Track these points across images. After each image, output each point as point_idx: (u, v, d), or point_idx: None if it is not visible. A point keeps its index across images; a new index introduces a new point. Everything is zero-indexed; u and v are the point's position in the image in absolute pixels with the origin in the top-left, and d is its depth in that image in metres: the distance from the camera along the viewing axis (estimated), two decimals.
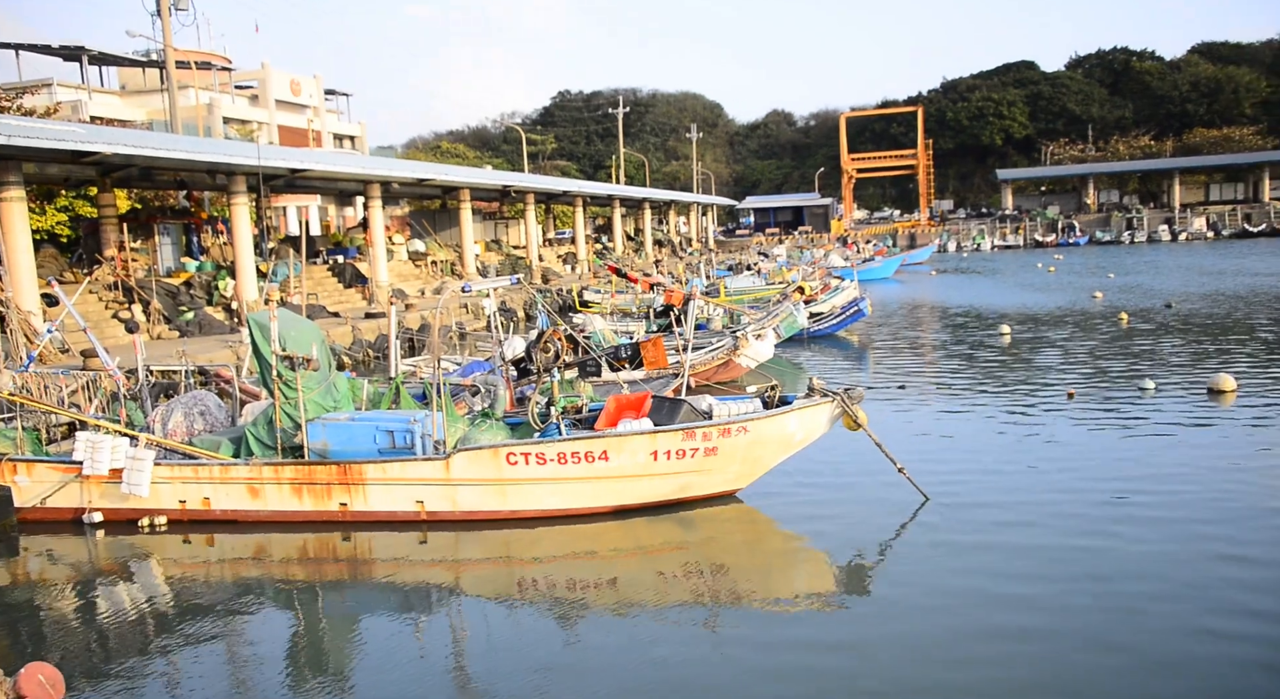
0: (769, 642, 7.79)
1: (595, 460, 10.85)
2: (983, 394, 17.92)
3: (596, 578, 9.74)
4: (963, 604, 8.27)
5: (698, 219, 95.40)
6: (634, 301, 30.57)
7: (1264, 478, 11.57)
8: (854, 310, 28.03)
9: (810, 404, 11.26)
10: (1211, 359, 20.34)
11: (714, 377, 19.05)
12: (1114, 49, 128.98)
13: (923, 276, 56.13)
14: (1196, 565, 8.86)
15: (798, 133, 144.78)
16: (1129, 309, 30.74)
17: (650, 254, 67.90)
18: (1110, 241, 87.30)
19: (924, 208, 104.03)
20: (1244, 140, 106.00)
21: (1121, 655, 7.24)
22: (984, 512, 10.70)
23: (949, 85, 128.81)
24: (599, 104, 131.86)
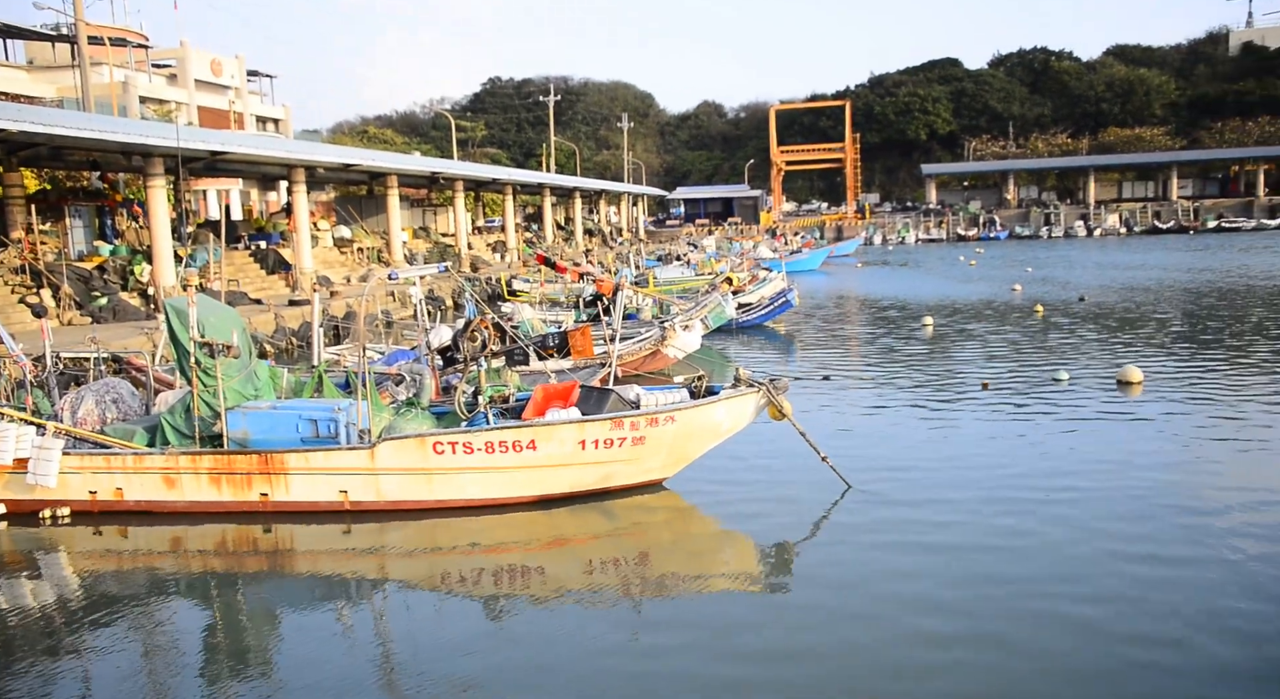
0: (694, 627, 7.88)
1: (523, 450, 10.82)
2: (905, 384, 18.32)
3: (523, 567, 9.74)
4: (882, 587, 8.47)
5: (628, 209, 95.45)
6: (563, 291, 30.51)
7: (1165, 472, 12.05)
8: (782, 301, 28.38)
9: (737, 394, 11.38)
10: (1121, 351, 21.09)
11: (642, 367, 19.13)
12: (1034, 49, 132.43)
13: (849, 269, 57.05)
14: (1096, 556, 9.16)
15: (728, 124, 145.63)
16: (1045, 302, 31.69)
17: (580, 243, 67.75)
18: (1029, 236, 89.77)
19: (851, 201, 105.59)
20: (1154, 140, 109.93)
21: (1025, 635, 7.50)
22: (902, 498, 10.96)
23: (876, 80, 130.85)
24: (530, 92, 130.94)
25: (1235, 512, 10.19)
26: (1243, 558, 8.84)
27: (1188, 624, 7.55)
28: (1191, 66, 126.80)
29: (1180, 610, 7.80)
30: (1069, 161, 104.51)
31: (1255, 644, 7.21)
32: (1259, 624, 7.53)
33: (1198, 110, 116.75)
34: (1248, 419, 14.38)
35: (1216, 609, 7.81)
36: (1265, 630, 7.43)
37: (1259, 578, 8.39)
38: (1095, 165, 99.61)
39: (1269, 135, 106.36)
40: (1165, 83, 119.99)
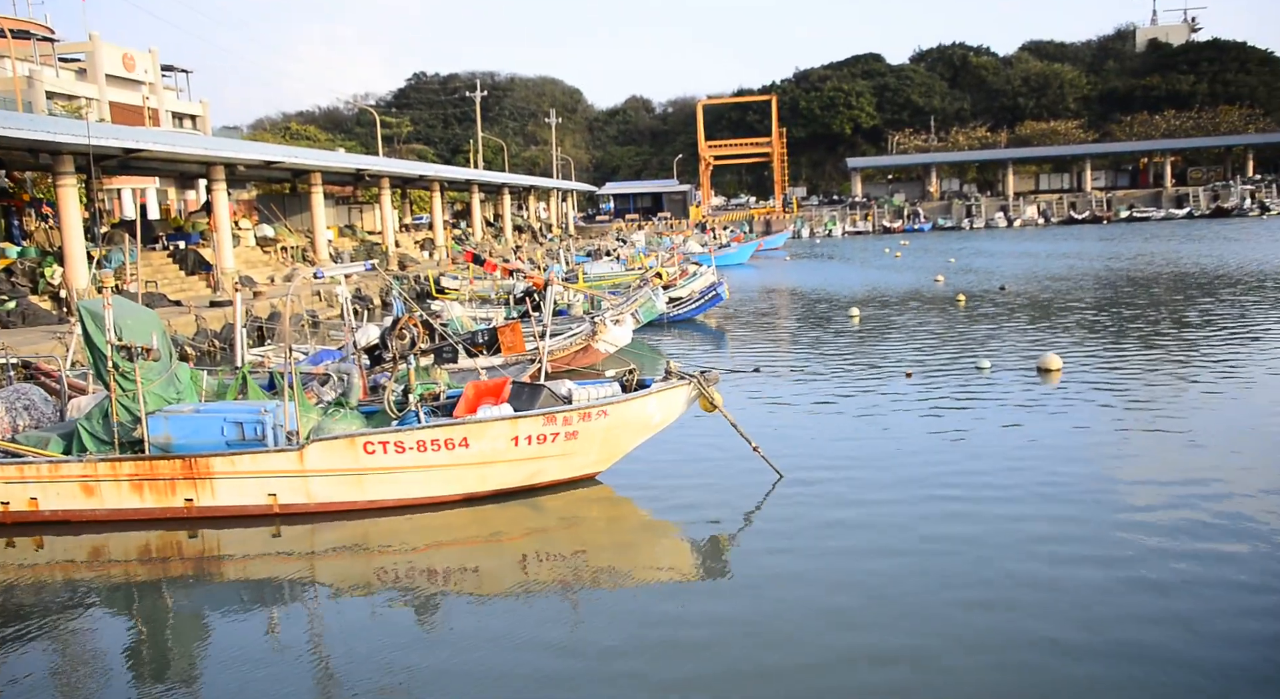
0: (630, 620, 7.92)
1: (455, 447, 10.75)
2: (833, 375, 18.62)
3: (458, 566, 9.68)
4: (815, 576, 8.61)
5: (558, 205, 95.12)
6: (493, 288, 30.31)
7: (1081, 461, 12.46)
8: (712, 295, 28.61)
9: (668, 387, 11.46)
10: (1040, 339, 21.73)
11: (573, 362, 19.13)
12: (953, 44, 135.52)
13: (778, 262, 57.70)
14: (1016, 546, 9.43)
15: (656, 119, 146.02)
16: (967, 292, 32.48)
17: (510, 240, 67.31)
18: (952, 228, 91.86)
19: (779, 195, 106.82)
20: (1068, 134, 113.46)
21: (938, 619, 7.71)
22: (832, 487, 11.15)
23: (801, 75, 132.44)
24: (456, 87, 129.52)
25: (1148, 498, 10.57)
26: (1155, 547, 9.17)
27: (1098, 609, 7.83)
28: (1102, 62, 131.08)
29: (1091, 597, 8.08)
30: (988, 154, 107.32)
31: (1168, 635, 7.50)
32: (1175, 616, 7.83)
33: (1108, 104, 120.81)
34: (1160, 404, 14.95)
35: (1126, 599, 8.11)
36: (1182, 623, 7.73)
37: (1175, 568, 8.72)
38: (1013, 158, 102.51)
39: (1175, 128, 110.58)
40: (1078, 78, 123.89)
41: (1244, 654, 6.88)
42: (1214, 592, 7.90)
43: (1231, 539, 8.97)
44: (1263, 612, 7.51)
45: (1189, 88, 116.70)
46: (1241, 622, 7.36)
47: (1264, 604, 7.63)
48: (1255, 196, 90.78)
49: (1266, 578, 8.11)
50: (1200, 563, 8.47)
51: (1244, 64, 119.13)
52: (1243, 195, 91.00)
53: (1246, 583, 8.03)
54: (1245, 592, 7.87)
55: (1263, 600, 7.70)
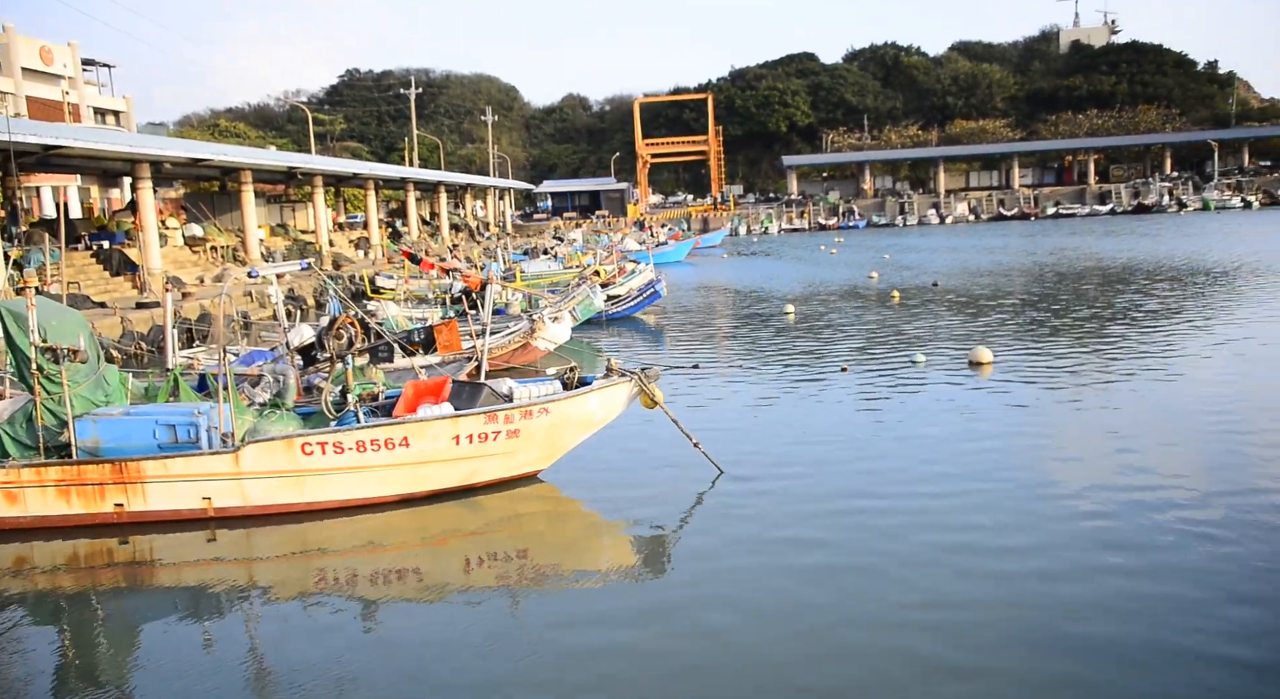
0: (573, 619, 7.94)
1: (396, 447, 10.65)
2: (771, 370, 18.83)
3: (399, 567, 9.59)
4: (756, 571, 8.71)
5: (495, 203, 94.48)
6: (429, 287, 30.03)
7: (1011, 452, 12.80)
8: (650, 292, 28.72)
9: (609, 384, 11.49)
10: (972, 332, 22.23)
11: (512, 360, 19.07)
12: (885, 44, 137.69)
13: (715, 259, 58.08)
14: (950, 538, 9.67)
15: (593, 117, 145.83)
16: (901, 287, 33.07)
17: (447, 239, 66.70)
18: (886, 224, 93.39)
19: (715, 192, 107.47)
20: (997, 132, 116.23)
21: (878, 613, 7.88)
22: (772, 482, 11.28)
23: (737, 74, 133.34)
24: (390, 84, 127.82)
25: (1076, 486, 10.89)
26: (1083, 538, 9.47)
27: (1023, 593, 8.07)
28: (1028, 63, 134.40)
29: (1023, 585, 8.33)
30: (920, 152, 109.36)
31: (1090, 628, 7.76)
32: (1103, 605, 8.10)
33: (1034, 104, 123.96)
34: (1087, 394, 15.41)
35: (1052, 586, 8.37)
36: (1113, 613, 7.99)
37: (1101, 559, 9.01)
38: (944, 156, 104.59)
39: (1097, 127, 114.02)
40: (1005, 78, 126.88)
41: (1180, 638, 7.15)
42: (1153, 583, 8.18)
43: (1164, 528, 9.30)
44: (1202, 596, 7.81)
45: (1110, 88, 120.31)
46: (1185, 607, 7.65)
47: (1206, 588, 7.94)
48: (1173, 194, 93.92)
49: (1204, 562, 8.42)
50: (1133, 554, 8.76)
51: (1160, 66, 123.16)
52: (1161, 192, 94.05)
53: (1189, 572, 8.34)
54: (1189, 582, 8.18)
55: (1207, 583, 8.01)
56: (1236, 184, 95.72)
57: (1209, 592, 7.78)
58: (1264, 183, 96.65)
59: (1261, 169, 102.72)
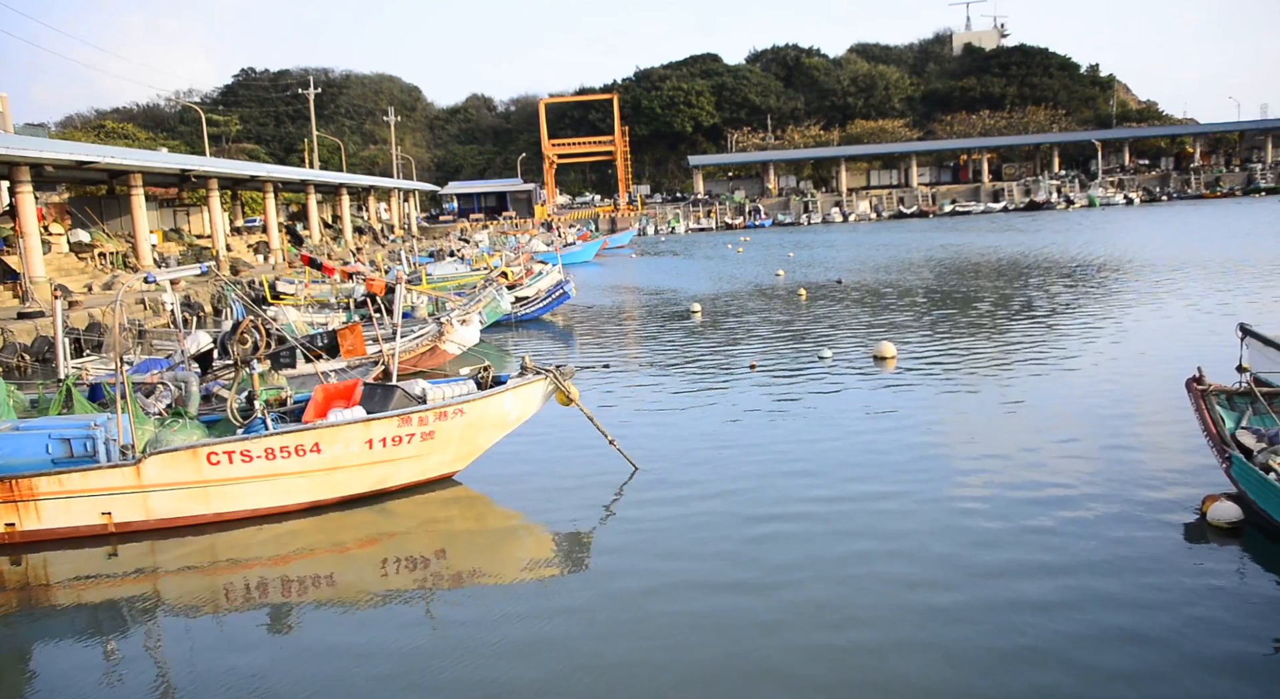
0: (491, 620, 7.91)
1: (307, 453, 10.43)
2: (681, 369, 19.02)
3: (312, 576, 9.39)
4: (671, 567, 8.81)
5: (399, 205, 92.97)
6: (332, 292, 29.43)
7: (914, 444, 13.21)
8: (559, 293, 28.69)
9: (524, 383, 11.47)
10: (876, 328, 22.83)
11: (420, 363, 18.85)
12: (786, 45, 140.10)
13: (624, 259, 58.28)
14: (857, 530, 9.95)
15: (499, 118, 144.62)
16: (807, 285, 33.72)
17: (350, 242, 65.37)
18: (791, 223, 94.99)
19: (623, 193, 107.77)
20: (895, 132, 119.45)
21: (774, 606, 8.07)
22: (686, 477, 11.41)
23: (642, 74, 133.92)
24: (288, 84, 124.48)
25: (977, 477, 11.31)
26: (986, 526, 9.83)
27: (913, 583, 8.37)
28: (923, 65, 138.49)
29: (922, 576, 8.63)
30: (822, 152, 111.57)
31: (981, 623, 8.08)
32: (997, 600, 8.44)
33: (931, 104, 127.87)
34: (985, 386, 15.99)
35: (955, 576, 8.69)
36: (1012, 606, 8.33)
37: (1003, 552, 9.38)
38: (845, 155, 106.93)
39: (990, 128, 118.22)
40: (902, 79, 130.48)
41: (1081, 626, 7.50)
42: (1055, 578, 8.56)
43: (1059, 518, 9.73)
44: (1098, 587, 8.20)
45: (1001, 90, 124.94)
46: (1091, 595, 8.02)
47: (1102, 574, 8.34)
48: (1061, 191, 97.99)
49: (1095, 548, 8.85)
50: (1030, 549, 9.14)
51: (1046, 69, 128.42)
52: (1050, 190, 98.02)
53: (1082, 565, 8.74)
54: (1085, 573, 8.57)
55: (1104, 567, 8.41)
56: (1119, 182, 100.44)
57: (1097, 589, 8.18)
58: (1143, 181, 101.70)
59: (1141, 168, 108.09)
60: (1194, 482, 10.13)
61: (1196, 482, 10.10)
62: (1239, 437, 9.72)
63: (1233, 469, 9.24)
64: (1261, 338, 13.25)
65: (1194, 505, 9.38)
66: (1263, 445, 9.43)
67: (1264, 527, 8.67)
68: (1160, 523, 9.13)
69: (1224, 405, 10.35)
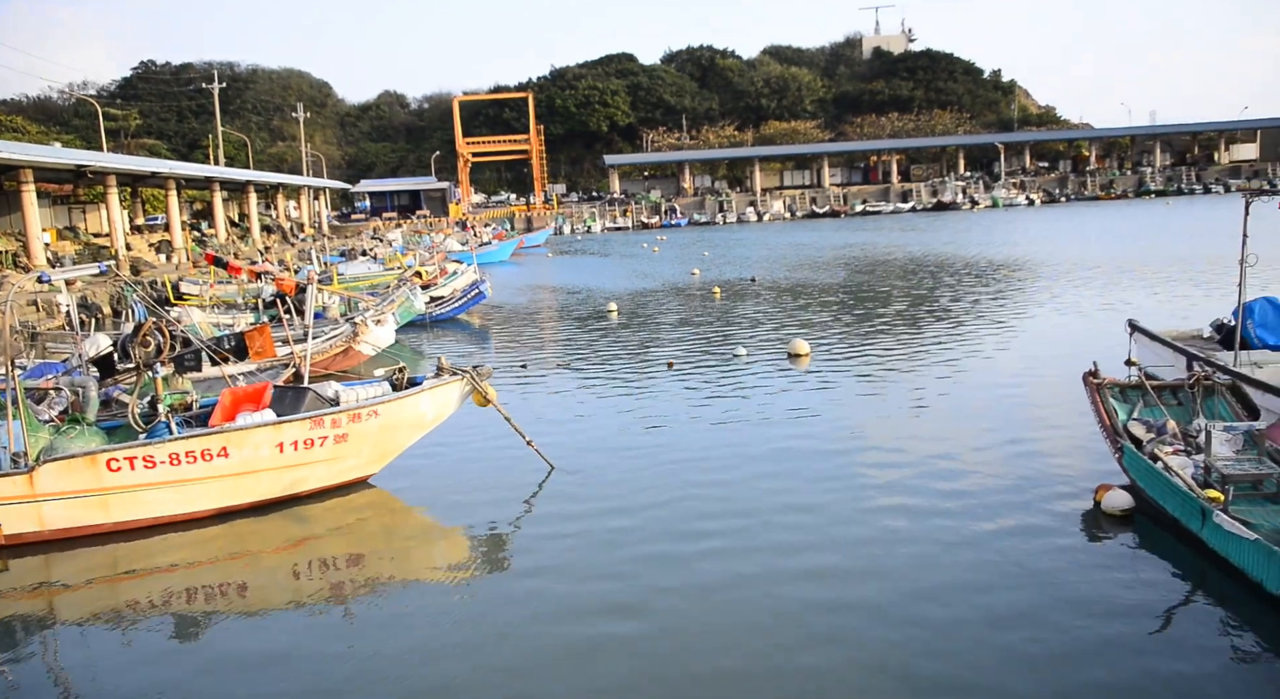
0: (405, 625, 7.81)
1: (214, 458, 10.15)
2: (599, 368, 19.05)
3: (222, 584, 9.14)
4: (587, 565, 8.84)
5: (309, 203, 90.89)
6: (239, 292, 28.66)
7: (834, 430, 13.50)
8: (475, 293, 28.45)
9: (441, 383, 11.36)
10: (790, 326, 23.21)
11: (333, 365, 18.48)
12: (701, 47, 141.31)
13: (540, 258, 58.06)
14: (773, 528, 10.12)
15: (412, 115, 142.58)
16: (722, 283, 34.09)
17: (258, 241, 63.68)
18: (706, 222, 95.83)
19: (539, 192, 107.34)
20: (807, 133, 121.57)
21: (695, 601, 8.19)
22: (604, 476, 11.46)
23: (557, 73, 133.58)
24: (191, 78, 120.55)
25: (886, 472, 11.62)
26: (894, 529, 10.11)
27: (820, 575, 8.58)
28: (834, 67, 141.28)
29: (834, 566, 8.84)
30: (737, 152, 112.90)
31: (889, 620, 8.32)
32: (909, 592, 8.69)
33: (842, 106, 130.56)
34: (896, 382, 16.41)
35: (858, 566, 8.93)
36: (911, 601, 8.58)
37: (913, 547, 9.65)
38: (759, 156, 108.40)
39: (899, 130, 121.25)
40: (814, 81, 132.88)
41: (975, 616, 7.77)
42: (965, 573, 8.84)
43: (964, 512, 10.06)
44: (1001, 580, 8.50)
45: (909, 93, 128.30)
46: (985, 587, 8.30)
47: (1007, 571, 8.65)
48: (966, 192, 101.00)
49: (996, 543, 9.17)
50: (934, 544, 9.43)
51: (952, 73, 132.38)
52: (956, 191, 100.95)
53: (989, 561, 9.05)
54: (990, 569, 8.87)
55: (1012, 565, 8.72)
56: (1021, 184, 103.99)
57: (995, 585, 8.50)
58: (1043, 182, 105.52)
59: (1041, 170, 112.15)
60: (1092, 472, 10.56)
61: (1094, 472, 10.54)
62: (1130, 428, 10.19)
63: (1124, 459, 9.67)
64: (1148, 333, 13.98)
65: (1090, 495, 9.79)
66: (1152, 436, 9.89)
67: (1152, 514, 9.10)
68: (1058, 512, 9.51)
69: (1117, 398, 10.84)
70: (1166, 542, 8.68)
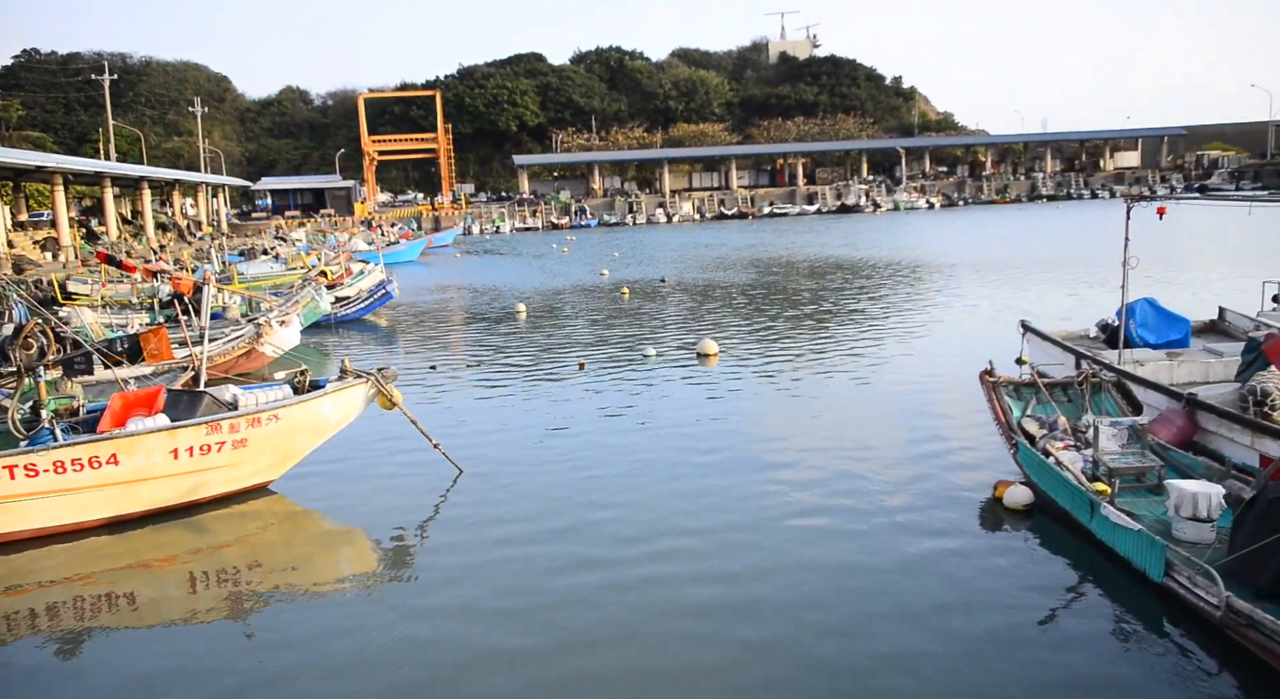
0: (309, 635, 7.61)
1: (103, 465, 9.73)
2: (509, 369, 18.90)
3: (112, 597, 8.76)
4: (494, 569, 8.76)
5: (207, 201, 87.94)
6: (133, 292, 27.57)
7: (741, 427, 13.66)
8: (382, 293, 27.96)
9: (344, 386, 11.12)
10: (699, 326, 23.42)
11: (235, 367, 17.91)
12: (610, 48, 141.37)
13: (448, 259, 57.33)
14: (682, 512, 10.22)
15: (315, 112, 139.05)
16: (631, 284, 34.20)
17: (152, 239, 61.34)
18: (616, 223, 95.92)
19: (446, 191, 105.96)
20: (716, 136, 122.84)
21: (592, 601, 8.21)
22: (512, 478, 11.37)
23: (465, 72, 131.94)
24: (79, 68, 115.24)
25: (789, 466, 11.81)
26: (800, 529, 10.28)
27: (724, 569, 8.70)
28: (742, 71, 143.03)
29: (741, 561, 8.96)
30: (646, 154, 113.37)
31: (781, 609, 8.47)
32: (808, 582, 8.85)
33: (749, 110, 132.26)
34: (800, 380, 16.70)
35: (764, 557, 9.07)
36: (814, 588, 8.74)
37: (821, 544, 9.83)
38: (668, 158, 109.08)
39: (804, 133, 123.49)
40: (721, 85, 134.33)
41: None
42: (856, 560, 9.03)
43: (869, 510, 10.29)
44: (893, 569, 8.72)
45: (814, 97, 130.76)
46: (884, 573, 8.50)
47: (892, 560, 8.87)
48: (869, 195, 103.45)
49: (881, 535, 9.40)
50: (832, 539, 9.63)
51: (855, 79, 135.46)
52: (860, 194, 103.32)
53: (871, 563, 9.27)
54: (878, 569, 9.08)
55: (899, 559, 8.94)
56: (921, 187, 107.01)
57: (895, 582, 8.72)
58: (942, 186, 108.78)
59: (940, 174, 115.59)
60: (992, 468, 10.91)
61: (994, 468, 10.88)
62: (1024, 424, 10.58)
63: (1018, 455, 10.03)
64: (1039, 333, 14.55)
65: (989, 490, 10.11)
66: (1044, 432, 10.29)
67: (1047, 508, 9.46)
68: (959, 508, 9.80)
69: (1012, 396, 11.24)
70: (1060, 534, 9.02)
